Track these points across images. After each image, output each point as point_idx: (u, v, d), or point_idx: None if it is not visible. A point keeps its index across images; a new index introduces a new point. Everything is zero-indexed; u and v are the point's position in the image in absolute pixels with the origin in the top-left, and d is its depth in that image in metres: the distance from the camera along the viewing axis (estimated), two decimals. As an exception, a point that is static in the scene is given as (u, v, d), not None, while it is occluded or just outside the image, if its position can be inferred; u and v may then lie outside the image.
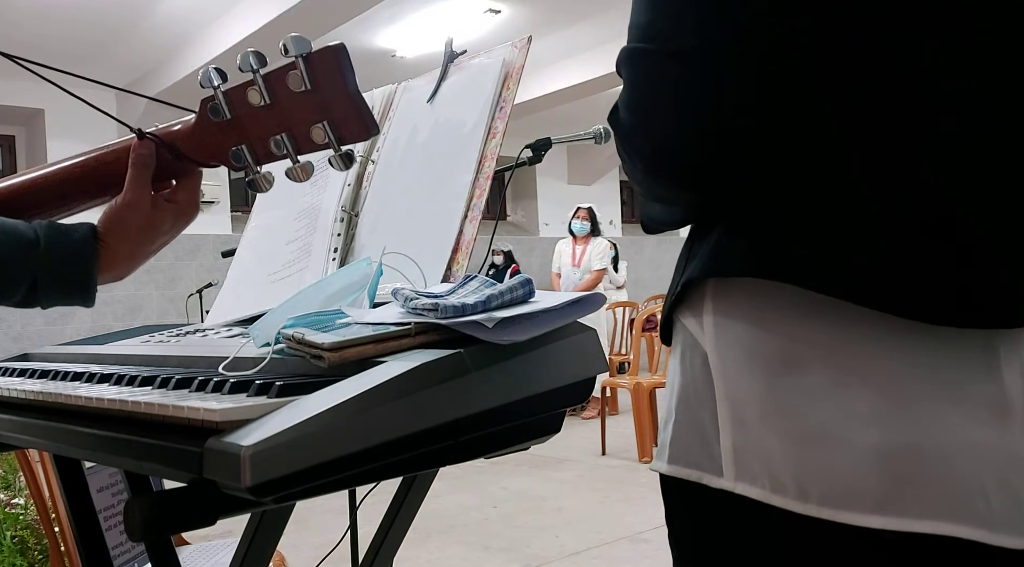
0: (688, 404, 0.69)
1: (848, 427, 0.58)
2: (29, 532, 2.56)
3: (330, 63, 0.73)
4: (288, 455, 0.58)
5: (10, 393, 0.93)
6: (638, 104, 0.64)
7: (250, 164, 0.79)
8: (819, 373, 0.59)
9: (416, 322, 0.75)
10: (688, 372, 0.69)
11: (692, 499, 0.69)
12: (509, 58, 1.12)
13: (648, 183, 0.67)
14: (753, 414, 0.62)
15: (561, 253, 6.49)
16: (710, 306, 0.66)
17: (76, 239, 0.80)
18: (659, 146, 0.63)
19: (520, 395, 0.74)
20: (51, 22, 5.10)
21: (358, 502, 1.59)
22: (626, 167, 0.69)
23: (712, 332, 0.66)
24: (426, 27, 5.72)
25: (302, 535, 3.34)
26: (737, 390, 0.63)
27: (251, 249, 1.36)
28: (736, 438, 0.63)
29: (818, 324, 0.60)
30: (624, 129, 0.66)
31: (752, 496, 0.62)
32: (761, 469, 0.62)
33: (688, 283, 0.67)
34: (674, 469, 0.70)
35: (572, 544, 3.29)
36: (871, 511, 0.57)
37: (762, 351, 0.62)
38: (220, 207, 7.25)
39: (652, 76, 0.63)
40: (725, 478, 0.64)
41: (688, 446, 0.68)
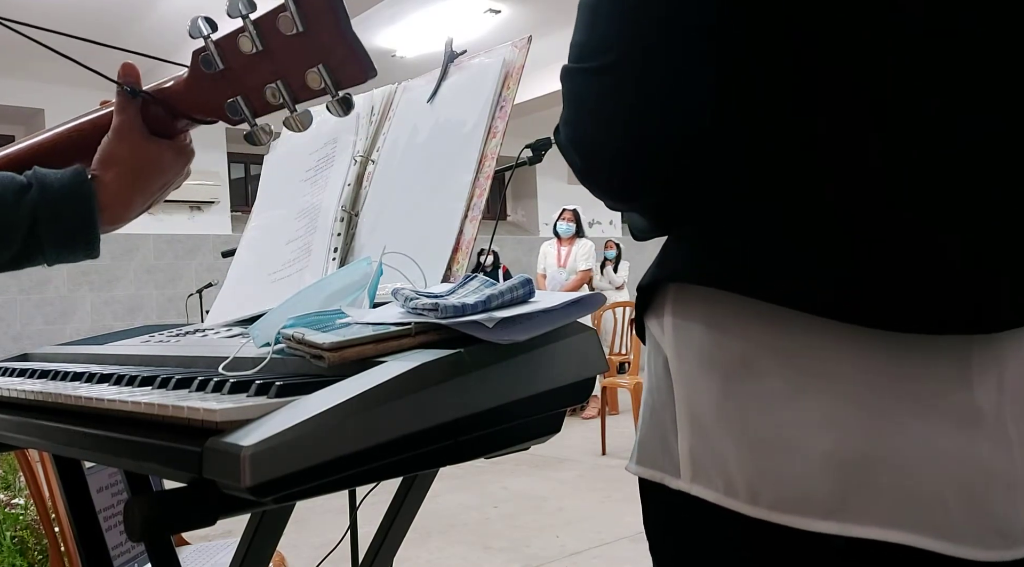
0: (652, 406, 0.70)
1: (802, 433, 0.58)
2: (29, 532, 2.56)
3: (321, 2, 0.71)
4: (288, 455, 0.58)
5: (10, 393, 0.93)
6: (570, 118, 0.67)
7: (247, 116, 0.77)
8: (775, 379, 0.59)
9: (416, 322, 0.75)
10: (652, 374, 0.70)
11: (658, 499, 0.70)
12: (509, 58, 1.12)
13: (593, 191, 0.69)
14: (709, 418, 0.63)
15: (546, 254, 6.52)
16: (670, 309, 0.67)
17: (67, 176, 0.77)
18: (586, 157, 0.66)
19: (520, 395, 0.74)
20: (50, 21, 5.11)
21: (358, 502, 1.59)
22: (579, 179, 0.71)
23: (672, 335, 0.67)
24: (426, 27, 5.72)
25: (302, 535, 3.34)
26: (694, 394, 0.64)
27: (251, 249, 1.36)
28: (693, 441, 0.64)
29: (775, 330, 0.60)
30: (560, 143, 0.69)
31: (707, 498, 0.63)
32: (716, 472, 0.62)
33: (649, 286, 0.68)
34: (640, 470, 0.71)
35: (572, 544, 3.29)
36: (821, 516, 0.57)
37: (719, 356, 0.62)
38: (220, 207, 7.25)
39: (578, 91, 0.65)
40: (682, 479, 0.65)
41: (652, 448, 0.69)
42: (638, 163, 0.63)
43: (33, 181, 0.75)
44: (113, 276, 6.77)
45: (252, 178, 7.91)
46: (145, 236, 6.87)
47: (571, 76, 0.66)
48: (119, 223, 0.82)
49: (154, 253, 6.95)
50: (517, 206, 9.76)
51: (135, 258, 6.86)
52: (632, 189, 0.66)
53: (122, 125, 0.80)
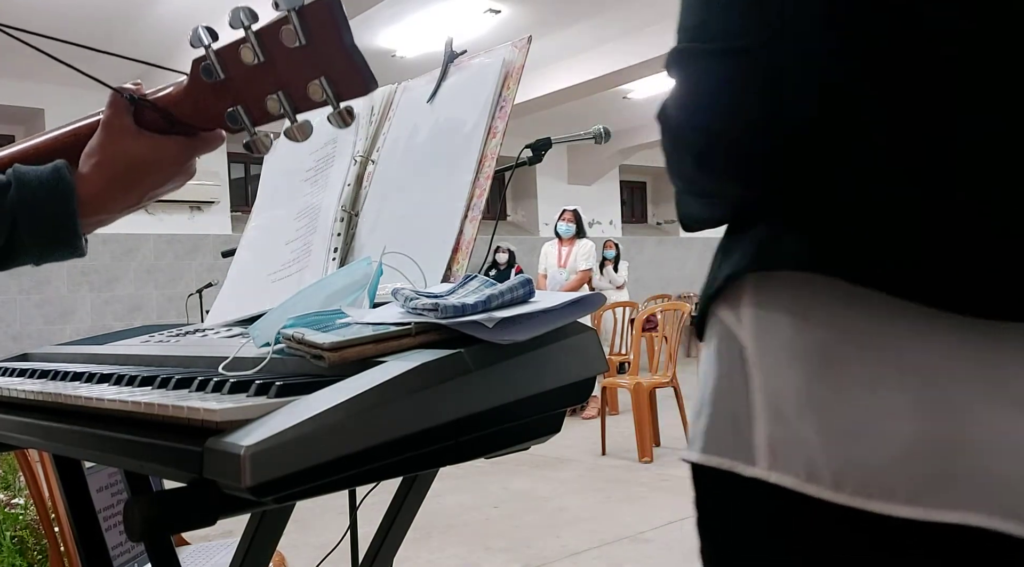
0: (723, 395, 0.70)
1: (887, 420, 0.59)
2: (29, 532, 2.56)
3: (324, 16, 0.71)
4: (288, 455, 0.58)
5: (10, 393, 0.93)
6: (691, 101, 0.66)
7: (247, 125, 0.76)
8: (859, 366, 0.61)
9: (416, 322, 0.75)
10: (724, 364, 0.70)
11: (724, 488, 0.70)
12: (509, 58, 1.12)
13: (698, 177, 0.69)
14: (791, 406, 0.63)
15: (547, 255, 6.53)
16: (750, 299, 0.67)
17: (46, 172, 0.76)
18: (714, 140, 0.64)
19: (520, 395, 0.74)
20: (50, 21, 5.10)
21: (358, 502, 1.59)
22: (672, 163, 0.70)
23: (751, 325, 0.67)
24: (426, 27, 5.72)
25: (302, 535, 3.34)
26: (775, 382, 0.65)
27: (251, 249, 1.36)
28: (773, 428, 0.64)
29: (860, 318, 0.61)
30: (674, 125, 0.68)
31: (786, 484, 0.63)
32: (796, 459, 0.63)
33: (730, 277, 0.68)
34: (706, 458, 0.70)
35: (573, 544, 3.29)
36: (904, 502, 0.58)
37: (803, 344, 0.63)
38: (220, 207, 7.25)
39: (705, 74, 0.64)
40: (759, 466, 0.65)
41: (722, 435, 0.69)
42: (762, 147, 0.63)
43: (12, 179, 0.75)
44: (113, 276, 6.77)
45: (252, 178, 7.91)
46: (145, 236, 6.87)
47: (689, 58, 0.65)
48: (102, 216, 0.80)
49: (154, 253, 6.95)
50: (517, 206, 9.76)
51: (135, 258, 6.86)
52: (754, 173, 0.65)
53: (109, 120, 0.80)
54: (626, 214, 10.56)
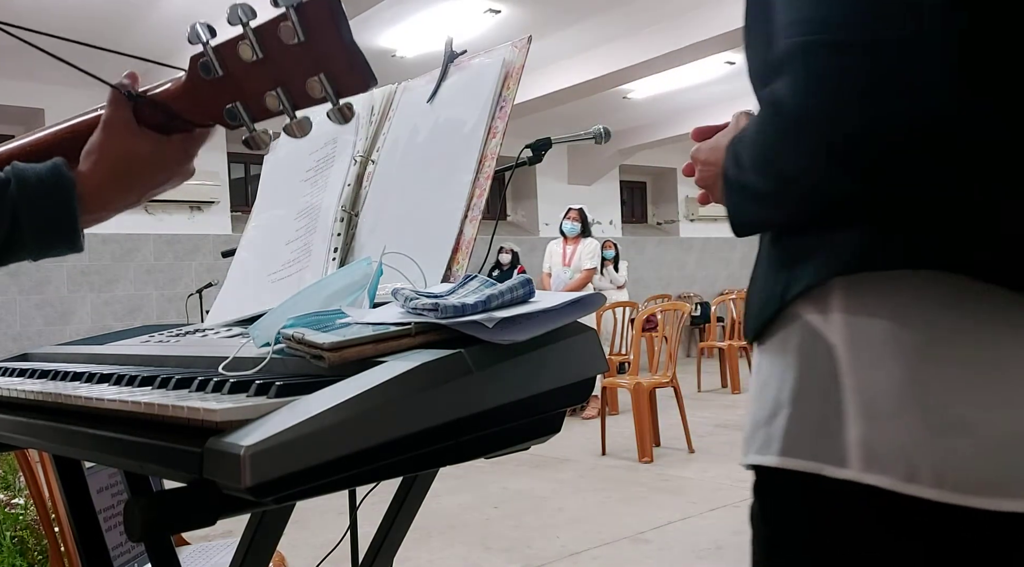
0: (807, 396, 0.69)
1: (990, 416, 0.60)
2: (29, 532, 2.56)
3: (323, 12, 0.70)
4: (288, 455, 0.58)
5: (10, 393, 0.93)
6: (823, 93, 0.63)
7: (246, 122, 0.76)
8: (962, 363, 0.61)
9: (416, 322, 0.75)
10: (808, 364, 0.69)
11: (804, 492, 0.69)
12: (509, 58, 1.12)
13: (810, 172, 0.65)
14: (889, 405, 0.63)
15: (552, 253, 6.54)
16: (840, 298, 0.67)
17: (46, 169, 0.76)
18: (847, 132, 0.62)
19: (520, 395, 0.74)
20: (50, 21, 5.10)
21: (358, 502, 1.59)
22: (773, 159, 0.67)
23: (842, 323, 0.66)
24: (426, 27, 5.72)
25: (302, 535, 3.34)
26: (872, 381, 0.64)
27: (251, 249, 1.36)
28: (867, 429, 0.64)
29: (962, 314, 0.62)
30: (797, 117, 0.64)
31: (882, 485, 0.63)
32: (894, 459, 0.63)
33: (818, 278, 0.67)
34: (788, 461, 0.69)
35: (572, 544, 3.29)
36: (1011, 496, 0.59)
37: (903, 341, 0.63)
38: (220, 207, 7.25)
39: (824, 66, 0.62)
40: (851, 468, 0.65)
41: (806, 437, 0.68)
42: (907, 145, 0.61)
43: (11, 176, 0.75)
44: (113, 276, 6.77)
45: (252, 178, 7.91)
46: (145, 236, 6.87)
47: (815, 51, 0.63)
48: (101, 213, 0.81)
49: (154, 253, 6.95)
50: (517, 206, 9.76)
51: (135, 258, 6.86)
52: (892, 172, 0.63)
53: (110, 118, 0.80)
54: (626, 214, 10.56)
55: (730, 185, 0.74)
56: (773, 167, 0.68)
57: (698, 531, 3.38)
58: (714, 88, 7.65)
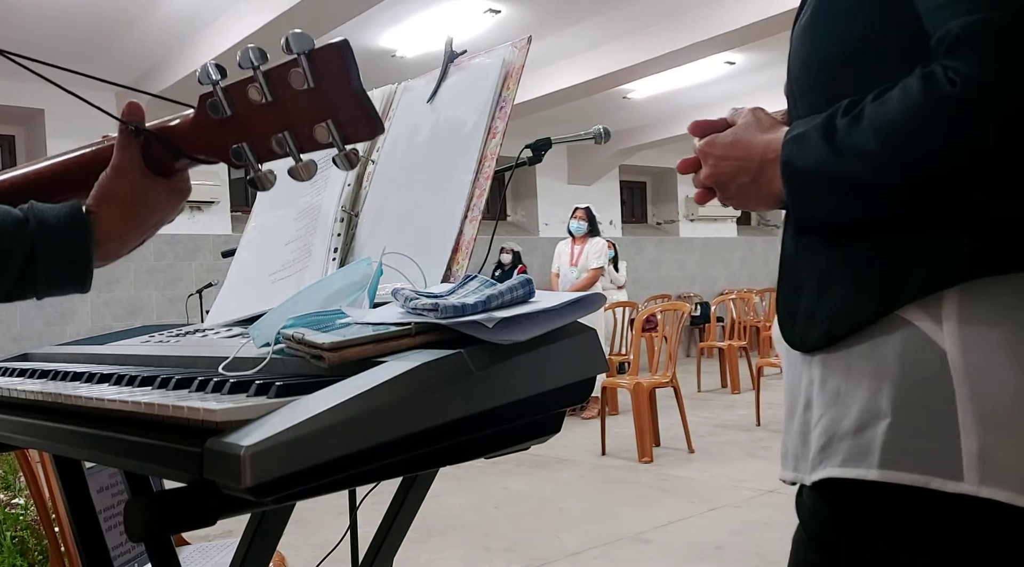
0: (914, 404, 0.65)
1: None
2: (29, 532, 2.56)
3: (334, 61, 0.71)
4: (288, 455, 0.58)
5: (10, 393, 0.93)
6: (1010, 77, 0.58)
7: (251, 162, 0.77)
8: None
9: (416, 322, 0.75)
10: (915, 371, 0.65)
11: (908, 507, 0.66)
12: (509, 58, 1.12)
13: (993, 159, 0.61)
14: (1009, 414, 0.61)
15: (560, 253, 6.54)
16: (954, 304, 0.64)
17: (64, 211, 0.77)
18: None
19: (520, 395, 0.74)
20: (50, 21, 5.10)
21: (358, 502, 1.59)
22: (954, 145, 0.62)
23: (957, 330, 0.64)
24: (426, 27, 5.71)
25: (302, 535, 3.34)
26: (990, 389, 0.62)
27: (251, 249, 1.36)
28: (984, 440, 0.62)
29: None
30: (993, 100, 0.60)
31: (1000, 499, 0.61)
32: (1013, 471, 0.60)
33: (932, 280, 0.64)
34: (891, 475, 0.65)
35: (573, 544, 3.29)
36: None
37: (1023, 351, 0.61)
38: (220, 207, 7.25)
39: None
40: (966, 482, 0.62)
41: (912, 449, 0.65)
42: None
43: (30, 215, 0.76)
44: (113, 277, 6.77)
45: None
46: (145, 236, 6.87)
47: (1007, 28, 0.59)
48: (112, 258, 0.83)
49: (154, 254, 6.95)
50: (517, 206, 9.76)
51: (135, 259, 6.86)
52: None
53: (122, 162, 0.81)
54: (626, 214, 10.56)
55: (807, 175, 0.69)
56: (916, 153, 0.62)
57: (698, 531, 3.38)
58: (714, 88, 7.65)
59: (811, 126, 0.69)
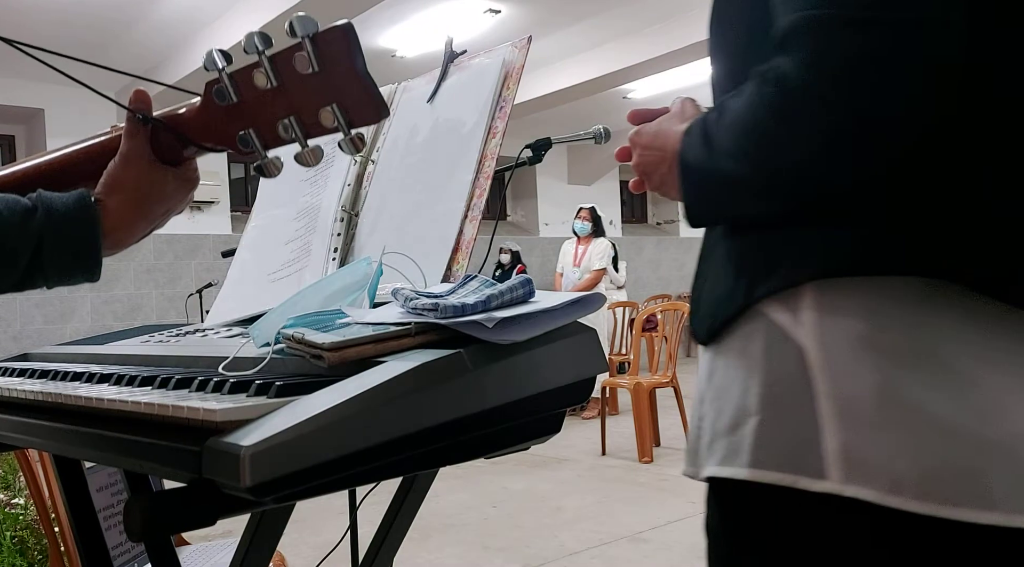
0: (777, 402, 0.64)
1: (972, 422, 0.56)
2: (29, 532, 2.56)
3: (338, 43, 0.71)
4: (288, 455, 0.58)
5: (10, 393, 0.93)
6: (840, 74, 0.57)
7: (258, 149, 0.77)
8: (941, 367, 0.58)
9: (416, 322, 0.75)
10: (775, 368, 0.64)
11: (776, 506, 0.64)
12: (509, 58, 1.12)
13: (823, 164, 0.60)
14: (868, 410, 0.59)
15: (564, 253, 6.55)
16: (812, 299, 0.62)
17: (72, 200, 0.77)
18: (864, 120, 0.57)
19: (520, 395, 0.74)
20: (50, 22, 5.10)
21: (358, 502, 1.59)
22: (786, 145, 0.60)
23: (815, 324, 0.62)
24: (426, 27, 5.71)
25: (302, 535, 3.34)
26: (848, 385, 0.60)
27: (251, 249, 1.36)
28: (847, 437, 0.60)
29: (943, 316, 0.58)
30: (810, 99, 0.58)
31: (865, 498, 0.59)
32: (877, 469, 0.59)
33: (793, 276, 0.63)
34: (759, 474, 0.64)
35: (572, 544, 3.29)
36: (999, 509, 0.55)
37: (880, 344, 0.59)
38: (220, 207, 7.24)
39: (855, 46, 0.56)
40: (830, 480, 0.60)
41: (778, 448, 0.64)
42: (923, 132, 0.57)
43: (38, 204, 0.76)
44: (113, 276, 6.77)
45: (252, 178, 7.91)
46: (145, 236, 6.87)
47: (828, 25, 0.57)
48: (121, 247, 0.83)
49: (154, 253, 6.95)
50: (517, 206, 9.76)
51: (135, 258, 6.86)
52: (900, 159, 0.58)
53: (130, 151, 0.81)
54: (626, 214, 10.56)
55: (690, 170, 0.68)
56: (762, 152, 0.62)
57: (698, 531, 3.36)
58: (714, 88, 7.64)
59: (698, 120, 0.69)
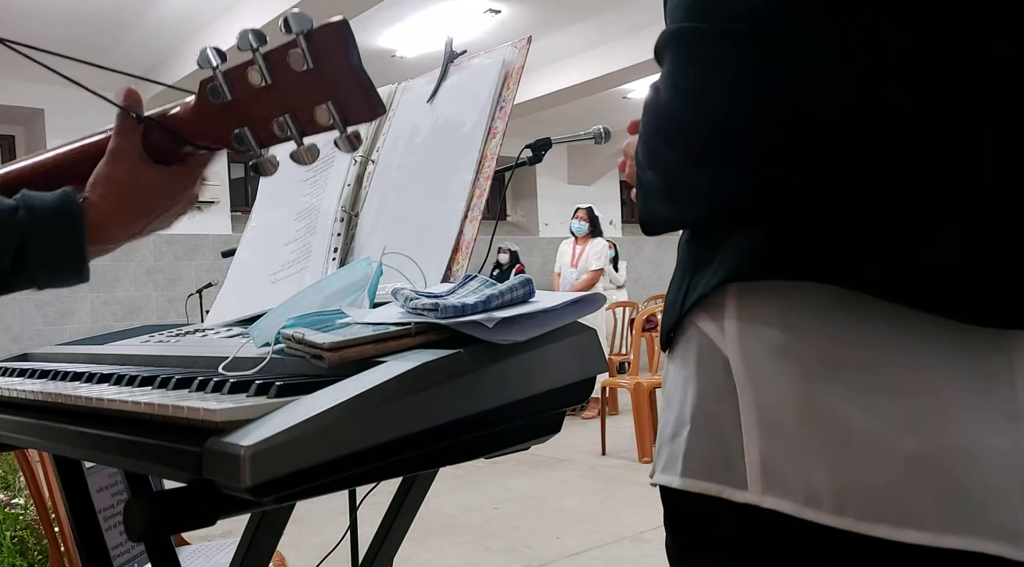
0: (705, 412, 0.64)
1: (888, 435, 0.55)
2: (29, 532, 2.56)
3: (333, 40, 0.70)
4: (288, 455, 0.58)
5: (10, 393, 0.93)
6: (692, 86, 0.60)
7: (253, 147, 0.76)
8: (857, 377, 0.57)
9: (416, 322, 0.75)
10: (704, 379, 0.65)
11: (708, 515, 0.65)
12: (509, 58, 1.12)
13: (687, 172, 0.62)
14: (786, 421, 0.58)
15: (563, 253, 6.56)
16: (733, 308, 0.62)
17: (55, 197, 0.75)
18: (717, 128, 0.59)
19: (520, 395, 0.74)
20: (49, 23, 5.10)
21: (358, 502, 1.59)
22: (657, 156, 0.64)
23: (736, 336, 0.62)
24: (426, 27, 5.72)
25: (302, 535, 3.34)
26: (767, 396, 0.60)
27: (251, 249, 1.36)
28: (765, 448, 0.59)
29: (860, 329, 0.57)
30: (669, 112, 0.62)
31: (782, 510, 0.58)
32: (793, 481, 0.58)
33: (714, 284, 0.63)
34: (689, 483, 0.65)
35: (572, 544, 3.29)
36: (912, 526, 0.54)
37: (798, 356, 0.58)
38: (220, 207, 7.25)
39: (710, 57, 0.58)
40: (750, 491, 0.60)
41: (706, 458, 0.64)
42: (776, 140, 0.57)
43: (20, 204, 0.74)
44: (113, 276, 6.77)
45: (252, 178, 7.90)
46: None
47: (694, 39, 0.59)
48: (109, 244, 0.80)
49: (154, 253, 6.95)
50: (517, 206, 9.76)
51: (135, 258, 6.86)
52: (757, 167, 0.58)
53: (118, 147, 0.79)
54: (626, 214, 10.56)
55: (637, 181, 0.70)
56: (659, 163, 0.64)
57: (698, 531, 3.38)
58: (714, 88, 7.64)
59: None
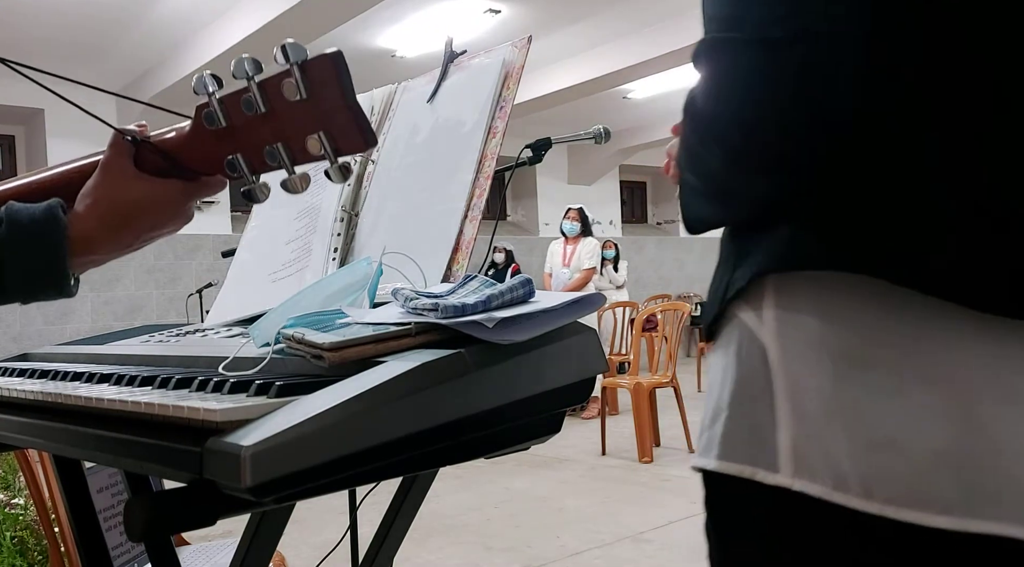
0: (743, 399, 0.67)
1: (918, 428, 0.57)
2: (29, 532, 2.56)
3: (326, 72, 0.71)
4: (288, 455, 0.58)
5: (10, 393, 0.93)
6: (726, 94, 0.63)
7: (245, 174, 0.77)
8: (890, 370, 0.58)
9: (416, 322, 0.75)
10: (744, 367, 0.67)
11: (743, 497, 0.67)
12: (509, 58, 1.12)
13: (725, 174, 0.65)
14: (817, 410, 0.61)
15: (553, 253, 6.56)
16: (772, 299, 0.65)
17: (39, 210, 0.75)
18: (749, 134, 0.62)
19: (520, 395, 0.74)
20: (48, 24, 5.10)
21: (358, 502, 1.59)
22: (695, 159, 0.68)
23: (774, 325, 0.64)
24: (426, 27, 5.72)
25: (302, 535, 3.34)
26: (801, 385, 0.62)
27: (251, 249, 1.36)
28: (796, 433, 0.62)
29: (891, 320, 0.59)
30: (706, 118, 0.65)
31: (811, 493, 0.61)
32: (822, 465, 0.61)
33: (752, 277, 0.66)
34: (725, 465, 0.68)
35: (573, 544, 3.29)
36: (939, 512, 0.56)
37: (831, 345, 0.61)
38: (220, 207, 7.25)
39: (742, 66, 0.61)
40: (782, 474, 0.63)
41: (741, 441, 0.67)
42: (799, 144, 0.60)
43: (3, 216, 0.74)
44: (113, 276, 6.77)
45: (252, 178, 7.92)
46: (145, 236, 6.87)
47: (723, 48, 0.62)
48: (93, 257, 0.79)
49: (154, 253, 6.96)
50: (517, 206, 9.76)
51: (135, 258, 6.86)
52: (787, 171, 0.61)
53: (109, 160, 0.79)
54: (626, 214, 10.56)
55: (679, 181, 0.74)
56: (697, 165, 0.67)
57: (698, 531, 3.36)
58: (714, 88, 7.64)
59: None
